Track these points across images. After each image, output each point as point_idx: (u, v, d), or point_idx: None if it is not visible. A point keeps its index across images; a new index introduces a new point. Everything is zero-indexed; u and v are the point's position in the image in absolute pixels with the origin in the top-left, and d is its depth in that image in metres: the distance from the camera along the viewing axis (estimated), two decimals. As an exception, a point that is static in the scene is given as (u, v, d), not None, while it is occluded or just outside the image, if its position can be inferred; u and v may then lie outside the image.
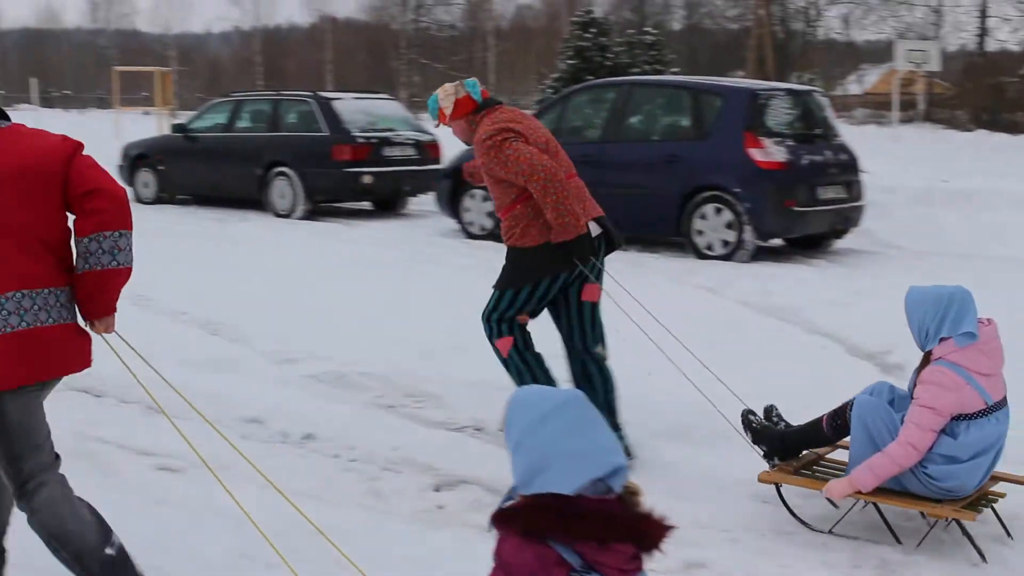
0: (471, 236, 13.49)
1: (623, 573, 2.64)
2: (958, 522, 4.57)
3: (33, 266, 3.66)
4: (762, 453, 5.23)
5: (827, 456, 5.20)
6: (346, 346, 7.82)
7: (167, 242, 12.75)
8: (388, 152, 15.27)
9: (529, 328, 5.85)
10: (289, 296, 9.62)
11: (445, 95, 5.82)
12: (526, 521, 2.64)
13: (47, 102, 69.35)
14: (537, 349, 5.84)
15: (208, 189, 16.66)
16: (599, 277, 5.76)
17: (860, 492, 4.64)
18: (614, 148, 12.57)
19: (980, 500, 4.69)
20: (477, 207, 13.49)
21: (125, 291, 4.05)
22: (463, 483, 5.42)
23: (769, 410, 5.41)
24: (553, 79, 32.43)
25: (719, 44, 61.91)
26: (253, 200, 15.84)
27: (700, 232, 11.99)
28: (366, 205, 16.62)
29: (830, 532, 4.80)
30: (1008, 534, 4.77)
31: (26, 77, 72.17)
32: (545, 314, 5.86)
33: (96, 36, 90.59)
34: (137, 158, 17.32)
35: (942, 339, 4.52)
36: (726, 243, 11.84)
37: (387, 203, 16.35)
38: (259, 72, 72.32)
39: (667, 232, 12.41)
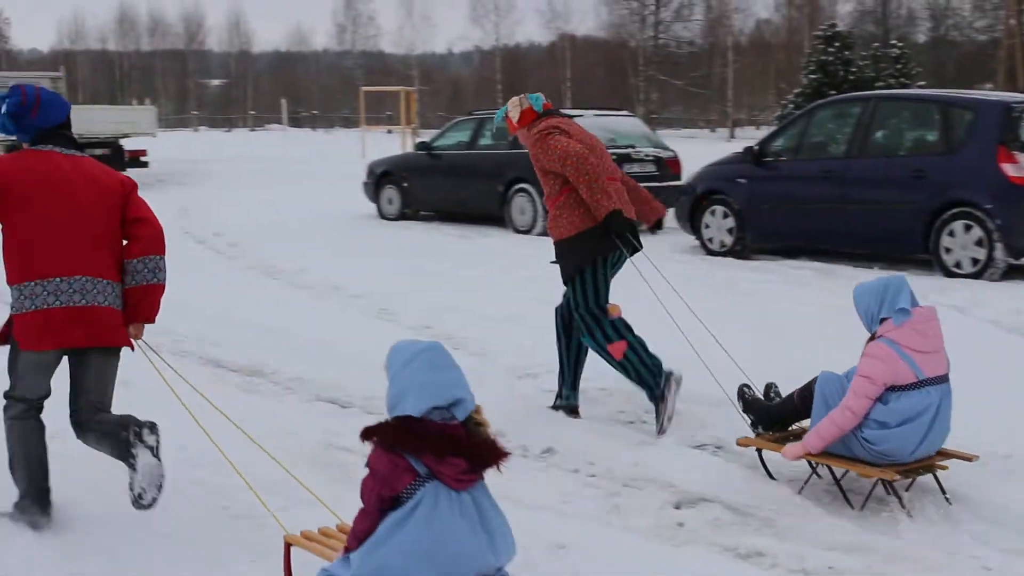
0: (710, 252, 13.36)
1: (458, 482, 3.62)
2: (884, 481, 5.18)
3: (99, 262, 4.91)
4: (749, 422, 5.90)
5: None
6: (589, 361, 7.84)
7: (413, 260, 13.08)
8: (628, 169, 15.22)
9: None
10: (530, 311, 9.69)
11: (512, 107, 6.68)
12: (382, 436, 3.65)
13: (295, 122, 72.27)
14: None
15: (450, 205, 17.03)
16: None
17: (810, 454, 5.30)
18: (859, 164, 12.25)
19: (919, 469, 5.24)
20: (717, 223, 13.36)
21: (372, 307, 4.29)
22: (703, 501, 5.33)
23: (769, 387, 6.09)
24: (795, 94, 31.89)
25: (966, 56, 59.78)
26: (494, 216, 16.09)
27: (948, 250, 11.54)
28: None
29: (799, 493, 5.41)
30: (948, 501, 5.30)
31: (277, 98, 75.35)
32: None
33: (343, 58, 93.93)
34: (382, 175, 17.85)
35: (882, 319, 5.22)
36: (975, 261, 11.36)
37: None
38: (499, 90, 73.52)
39: (913, 250, 12.02)
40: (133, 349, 5.39)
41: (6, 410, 5.09)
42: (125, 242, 5.03)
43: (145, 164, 25.94)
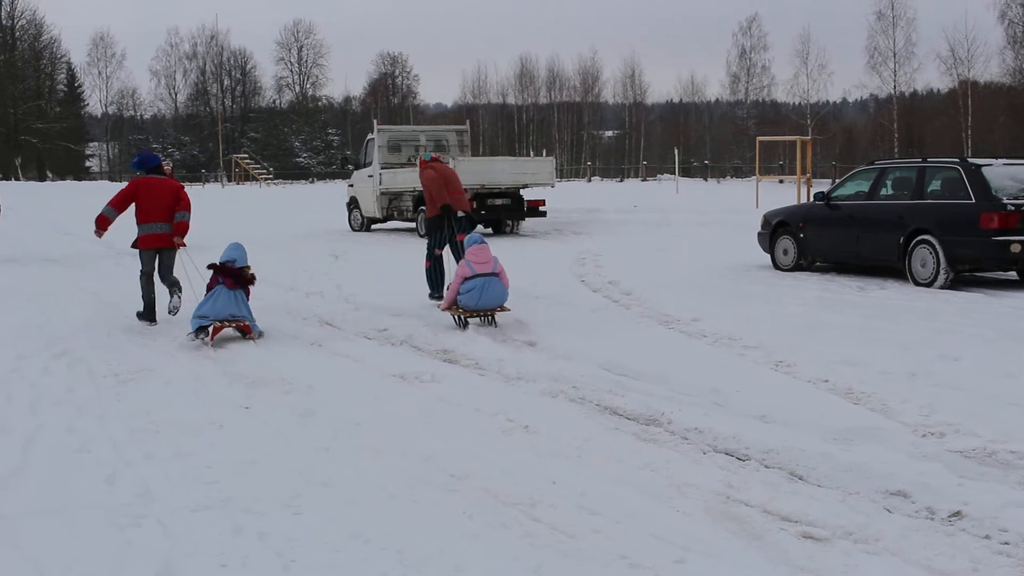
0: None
1: (232, 286, 11.94)
2: (457, 316, 12.42)
3: (165, 217, 12.94)
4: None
5: None
6: (995, 420, 7.42)
7: (809, 312, 12.84)
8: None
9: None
10: (935, 368, 9.28)
11: (421, 155, 17.26)
12: (217, 269, 12.14)
13: (687, 172, 72.70)
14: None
15: (847, 256, 16.61)
16: (463, 228, 14.63)
17: (448, 307, 12.43)
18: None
19: (483, 314, 12.30)
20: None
21: (767, 359, 4.19)
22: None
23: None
24: None
25: None
26: (893, 268, 15.56)
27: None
28: (1012, 275, 15.75)
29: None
30: (495, 325, 12.30)
31: (669, 148, 76.18)
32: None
33: (735, 107, 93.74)
34: (778, 225, 17.66)
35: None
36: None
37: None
38: (895, 139, 71.22)
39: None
40: (177, 248, 13.14)
41: (140, 275, 13.07)
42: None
43: (543, 214, 26.87)
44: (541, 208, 26.74)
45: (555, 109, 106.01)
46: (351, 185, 30.66)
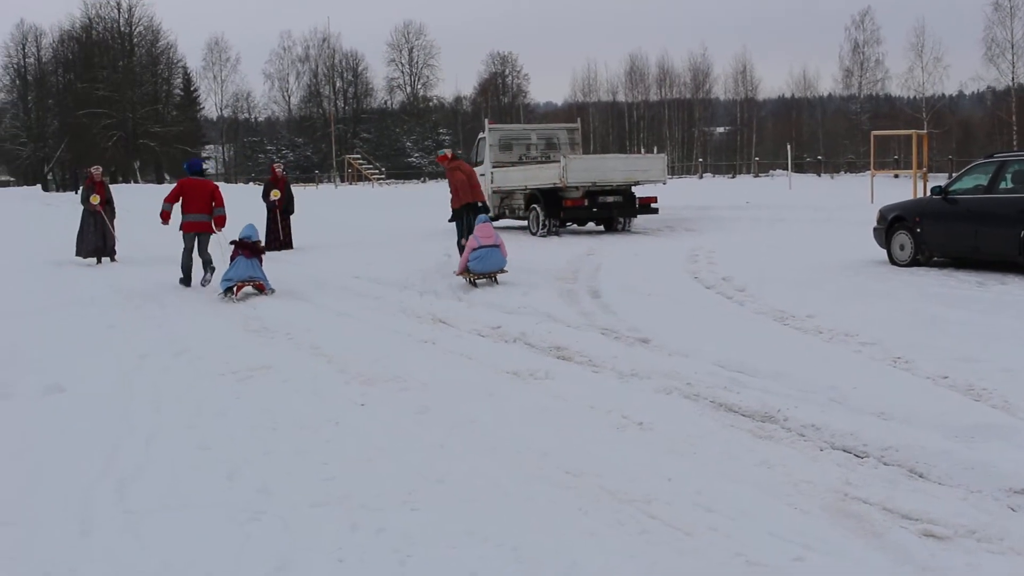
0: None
1: (249, 256, 16.06)
2: (469, 278, 16.13)
3: (205, 209, 17.66)
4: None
5: None
6: None
7: (928, 308, 12.61)
8: None
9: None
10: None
11: (442, 152, 19.73)
12: (237, 244, 16.26)
13: (799, 167, 71.73)
14: None
15: (965, 251, 16.25)
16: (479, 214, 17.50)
17: (461, 271, 16.19)
18: None
19: (488, 275, 15.97)
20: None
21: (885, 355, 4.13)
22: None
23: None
24: None
25: None
26: (1013, 263, 15.20)
27: None
28: None
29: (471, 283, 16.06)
30: (497, 282, 16.11)
31: (781, 143, 75.27)
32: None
33: (848, 102, 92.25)
34: (894, 220, 17.34)
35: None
36: None
37: None
38: (1014, 131, 69.41)
39: None
40: (213, 232, 17.65)
41: (183, 251, 17.59)
42: (214, 203, 17.73)
43: (655, 211, 26.74)
44: (653, 205, 26.60)
45: (666, 106, 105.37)
46: (463, 184, 30.78)
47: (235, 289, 15.70)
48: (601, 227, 27.43)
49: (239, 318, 13.64)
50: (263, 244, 16.84)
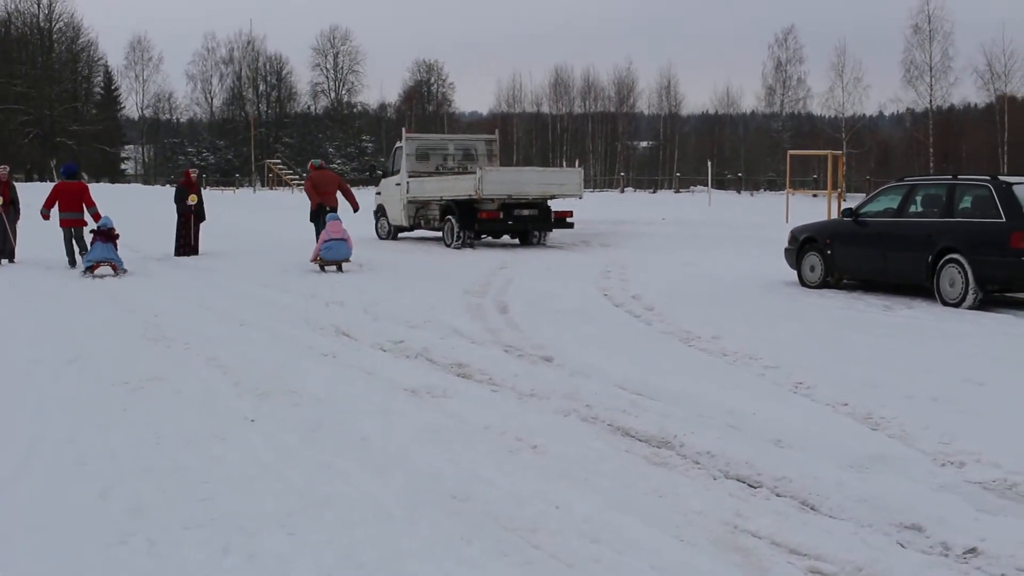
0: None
1: (105, 241, 19.70)
2: (320, 265, 20.10)
3: (78, 206, 21.44)
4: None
5: None
6: (1018, 450, 7.18)
7: (833, 331, 12.62)
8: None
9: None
10: (959, 393, 9.04)
11: (312, 164, 24.75)
12: (95, 232, 20.07)
13: (720, 184, 72.35)
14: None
15: (874, 274, 16.36)
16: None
17: (314, 259, 20.21)
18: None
19: (335, 263, 20.04)
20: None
21: (787, 379, 4.01)
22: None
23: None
24: None
25: None
26: (921, 287, 15.31)
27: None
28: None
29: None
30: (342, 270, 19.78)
31: (703, 160, 75.89)
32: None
33: (771, 120, 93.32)
34: (805, 241, 17.41)
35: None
36: None
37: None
38: (930, 153, 70.65)
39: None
40: (85, 225, 21.23)
41: (64, 242, 21.29)
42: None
43: (571, 225, 26.71)
44: (568, 219, 26.57)
45: (590, 119, 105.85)
46: (378, 193, 30.60)
47: (93, 268, 19.61)
48: (516, 240, 27.33)
49: (138, 325, 13.29)
50: (116, 232, 20.32)
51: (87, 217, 21.60)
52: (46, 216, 21.63)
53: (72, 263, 21.21)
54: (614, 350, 11.24)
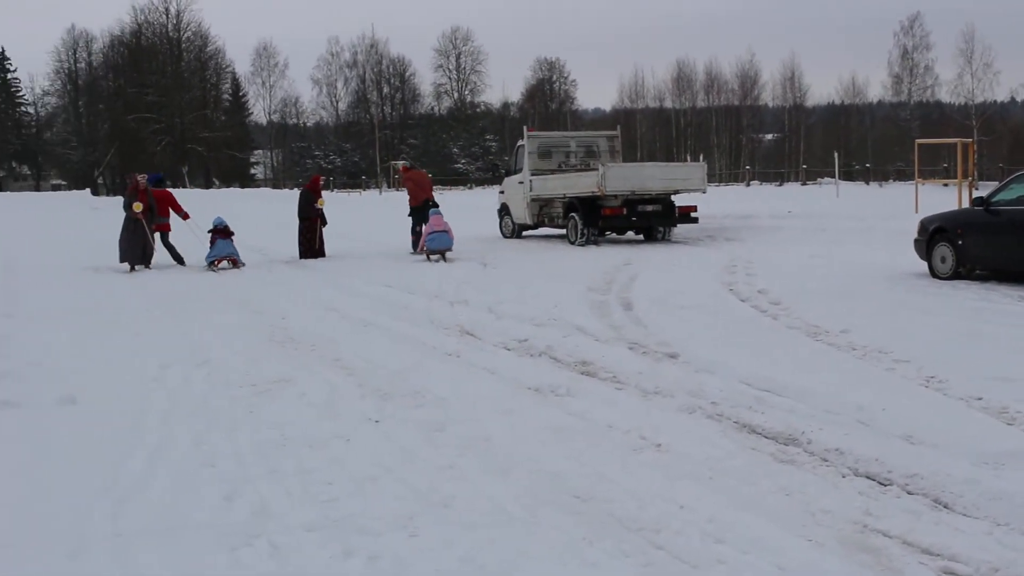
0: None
1: (224, 237, 22.35)
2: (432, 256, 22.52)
3: (167, 213, 23.32)
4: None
5: None
6: None
7: (966, 323, 12.28)
8: None
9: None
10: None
11: (402, 164, 34.67)
12: (214, 231, 22.45)
13: (847, 175, 71.02)
14: None
15: (1008, 264, 15.84)
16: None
17: (420, 250, 23.16)
18: None
19: (440, 252, 22.48)
20: None
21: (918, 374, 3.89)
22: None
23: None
24: None
25: None
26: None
27: None
28: None
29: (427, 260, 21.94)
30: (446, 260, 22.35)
31: (829, 151, 74.58)
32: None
33: (898, 109, 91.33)
34: (935, 232, 16.96)
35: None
36: None
37: None
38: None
39: None
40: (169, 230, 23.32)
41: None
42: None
43: (695, 220, 26.46)
44: (692, 214, 26.31)
45: (713, 113, 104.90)
46: (502, 192, 30.69)
47: (215, 262, 22.04)
48: (640, 236, 27.17)
49: (266, 328, 13.52)
50: (231, 228, 22.79)
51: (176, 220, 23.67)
52: (186, 215, 23.47)
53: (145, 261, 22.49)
54: (739, 346, 11.08)
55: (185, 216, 23.35)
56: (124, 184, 24.35)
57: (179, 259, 23.04)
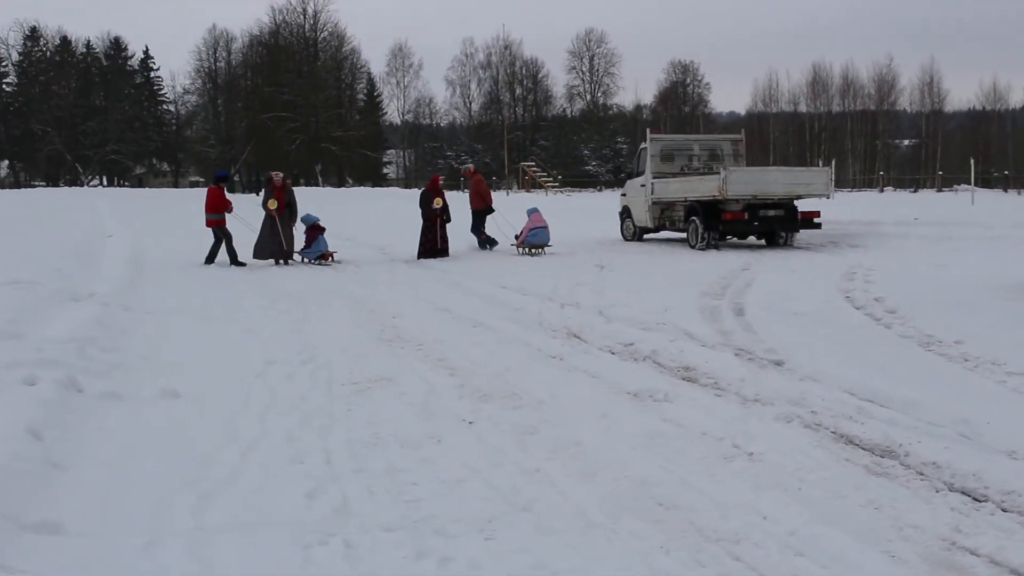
0: None
1: (322, 233, 23.51)
2: (534, 250, 24.59)
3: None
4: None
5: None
6: None
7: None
8: None
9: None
10: None
11: (468, 167, 30.16)
12: (309, 227, 23.47)
13: (985, 182, 69.11)
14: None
15: None
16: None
17: (520, 244, 24.99)
18: None
19: (540, 246, 24.60)
20: None
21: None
22: None
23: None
24: None
25: None
26: None
27: None
28: None
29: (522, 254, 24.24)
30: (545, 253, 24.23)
31: (967, 157, 72.66)
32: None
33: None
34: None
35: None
36: None
37: None
38: None
39: None
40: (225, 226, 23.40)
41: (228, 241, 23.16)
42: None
43: (818, 226, 26.01)
44: (816, 220, 25.86)
45: (848, 118, 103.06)
46: (624, 194, 30.57)
47: (320, 258, 23.18)
48: (762, 241, 26.81)
49: (376, 326, 13.67)
50: (324, 227, 23.80)
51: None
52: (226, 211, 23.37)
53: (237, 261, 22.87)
54: (848, 354, 10.84)
55: (230, 209, 23.19)
56: (264, 182, 24.71)
57: (233, 256, 22.94)
